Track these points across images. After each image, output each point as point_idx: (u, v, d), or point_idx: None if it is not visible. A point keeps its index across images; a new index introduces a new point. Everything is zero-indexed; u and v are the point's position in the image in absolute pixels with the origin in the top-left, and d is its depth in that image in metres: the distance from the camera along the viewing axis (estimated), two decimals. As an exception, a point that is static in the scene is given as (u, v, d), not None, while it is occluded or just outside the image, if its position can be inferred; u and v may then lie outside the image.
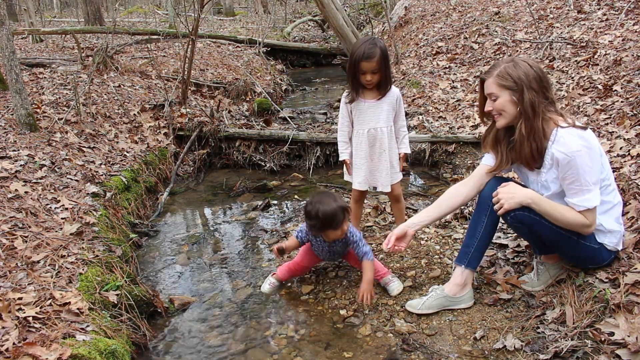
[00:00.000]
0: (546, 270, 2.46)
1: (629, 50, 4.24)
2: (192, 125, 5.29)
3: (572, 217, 2.10)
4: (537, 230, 2.21)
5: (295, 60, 11.32)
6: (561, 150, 2.03)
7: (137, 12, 17.31)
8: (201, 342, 2.47)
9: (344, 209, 2.48)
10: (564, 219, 2.11)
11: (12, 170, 3.33)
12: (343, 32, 6.82)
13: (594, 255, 2.23)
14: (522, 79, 2.06)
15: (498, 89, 2.13)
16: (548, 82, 2.12)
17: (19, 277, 2.37)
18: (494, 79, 2.13)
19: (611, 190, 2.17)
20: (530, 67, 2.09)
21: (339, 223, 2.48)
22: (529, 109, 2.06)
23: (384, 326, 2.44)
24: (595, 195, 2.05)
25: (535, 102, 2.06)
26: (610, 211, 2.18)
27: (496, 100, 2.15)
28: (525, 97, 2.06)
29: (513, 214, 2.19)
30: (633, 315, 1.95)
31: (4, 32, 3.79)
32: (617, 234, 2.21)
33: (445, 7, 9.43)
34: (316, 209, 2.46)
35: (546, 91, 2.10)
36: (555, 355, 2.01)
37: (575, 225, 2.11)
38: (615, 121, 3.38)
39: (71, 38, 8.14)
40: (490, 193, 2.30)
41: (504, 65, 2.12)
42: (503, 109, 2.14)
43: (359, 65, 2.66)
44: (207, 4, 7.36)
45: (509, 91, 2.10)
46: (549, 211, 2.13)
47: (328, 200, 2.47)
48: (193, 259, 3.34)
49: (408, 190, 4.14)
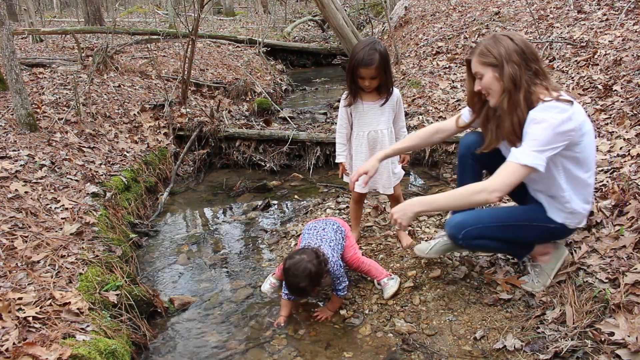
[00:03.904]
0: (542, 270, 2.46)
1: (629, 50, 4.23)
2: (192, 125, 5.29)
3: (470, 190, 2.05)
4: (494, 235, 2.26)
5: (295, 60, 11.31)
6: (534, 114, 2.00)
7: (137, 12, 17.31)
8: (201, 342, 2.47)
9: (317, 276, 2.32)
10: (463, 198, 2.08)
11: (12, 170, 3.33)
12: (343, 32, 6.82)
13: (558, 233, 2.31)
14: (501, 54, 2.03)
15: (482, 67, 2.11)
16: (533, 54, 2.06)
17: (19, 277, 2.37)
18: (477, 57, 2.12)
19: (588, 170, 2.14)
20: (512, 40, 2.05)
21: (310, 292, 2.42)
22: (509, 83, 2.03)
23: (384, 326, 2.44)
24: (533, 157, 1.96)
25: (516, 75, 2.01)
26: (582, 191, 2.17)
27: (482, 78, 2.13)
28: (505, 72, 2.03)
29: (461, 237, 2.25)
30: (633, 315, 1.95)
31: (4, 32, 3.78)
32: (580, 215, 2.22)
33: (445, 7, 9.43)
34: (289, 282, 2.35)
35: (531, 63, 2.04)
36: (555, 355, 2.01)
37: (477, 194, 2.03)
38: (615, 121, 3.38)
39: (71, 38, 8.14)
40: (467, 149, 2.46)
41: (485, 42, 2.11)
42: (489, 87, 2.11)
43: (358, 71, 2.64)
44: (207, 4, 7.36)
45: (491, 67, 2.08)
46: (445, 202, 2.14)
47: (300, 272, 2.29)
48: (193, 259, 3.34)
49: (408, 190, 4.14)
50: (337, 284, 2.48)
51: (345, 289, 2.51)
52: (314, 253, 2.33)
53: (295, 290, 2.37)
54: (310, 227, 2.65)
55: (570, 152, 2.06)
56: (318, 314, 2.56)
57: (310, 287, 2.33)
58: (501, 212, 2.38)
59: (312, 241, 2.50)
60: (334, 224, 2.64)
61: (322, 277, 2.35)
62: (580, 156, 2.08)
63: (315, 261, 2.30)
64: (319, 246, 2.44)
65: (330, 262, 2.39)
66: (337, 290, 2.50)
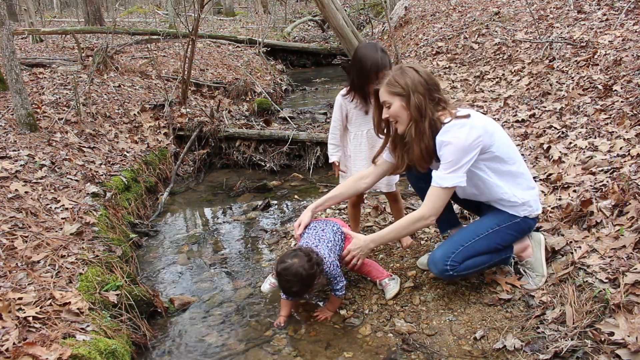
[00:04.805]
0: (532, 264, 2.49)
1: (629, 51, 4.24)
2: (192, 125, 5.29)
3: (408, 221, 2.31)
4: (476, 250, 2.36)
5: (295, 60, 11.32)
6: (440, 138, 2.19)
7: (137, 12, 17.31)
8: (201, 342, 2.47)
9: (308, 279, 2.30)
10: (405, 229, 2.35)
11: (12, 170, 3.33)
12: (343, 32, 6.81)
13: (528, 227, 2.41)
14: (408, 84, 2.18)
15: (389, 97, 2.24)
16: (435, 84, 2.24)
17: (19, 277, 2.37)
18: (385, 87, 2.25)
19: (514, 162, 2.30)
20: (416, 72, 2.21)
21: (304, 294, 2.43)
22: (415, 112, 2.18)
23: (384, 326, 2.44)
24: (451, 178, 2.17)
25: (422, 105, 2.17)
26: (517, 181, 2.31)
27: (390, 107, 2.26)
28: (412, 102, 2.18)
29: (450, 267, 2.33)
30: (633, 315, 1.95)
31: (4, 32, 3.79)
32: (530, 202, 2.34)
33: (445, 7, 9.44)
34: (281, 286, 2.36)
35: (433, 92, 2.21)
36: (555, 355, 2.01)
37: (415, 223, 2.30)
38: (615, 121, 3.38)
39: (71, 38, 8.14)
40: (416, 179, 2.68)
41: (393, 73, 2.25)
42: (397, 114, 2.25)
43: (374, 75, 2.58)
44: (207, 4, 7.36)
45: (399, 97, 2.22)
46: (392, 234, 2.39)
47: (291, 277, 2.28)
48: (193, 259, 3.34)
49: (408, 190, 4.14)
50: (334, 284, 2.48)
51: (343, 289, 2.51)
52: (305, 256, 2.31)
53: (289, 293, 2.40)
54: (310, 227, 2.65)
55: (488, 154, 2.22)
56: (318, 314, 2.56)
57: (302, 290, 2.35)
58: (472, 228, 2.45)
59: (310, 241, 2.50)
60: (334, 225, 2.64)
61: (314, 279, 2.33)
62: (499, 153, 2.23)
63: (306, 265, 2.28)
64: (316, 246, 2.44)
65: (326, 262, 2.38)
66: (335, 290, 2.50)
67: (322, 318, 2.54)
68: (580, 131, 3.47)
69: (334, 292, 2.51)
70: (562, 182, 2.99)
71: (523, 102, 4.48)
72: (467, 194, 2.44)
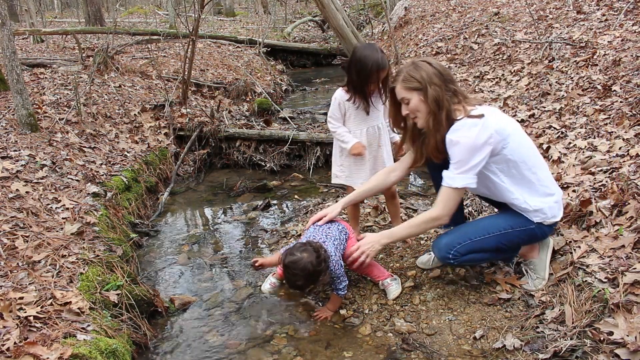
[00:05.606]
0: (536, 264, 2.49)
1: (628, 51, 4.24)
2: (192, 126, 5.30)
3: (421, 220, 2.31)
4: (482, 247, 2.35)
5: (295, 60, 11.33)
6: (449, 137, 2.17)
7: (138, 12, 17.32)
8: (201, 342, 2.47)
9: (315, 275, 2.32)
10: (418, 227, 2.34)
11: (13, 170, 3.34)
12: (343, 33, 6.83)
13: (542, 233, 2.37)
14: (424, 77, 2.18)
15: (407, 92, 2.24)
16: (449, 75, 2.24)
17: (20, 276, 2.38)
18: (401, 84, 2.25)
19: (531, 167, 2.24)
20: (430, 64, 2.21)
21: (308, 289, 2.46)
22: (433, 103, 2.18)
23: (383, 326, 2.45)
24: (461, 179, 2.16)
25: (439, 96, 2.17)
26: (533, 187, 2.27)
27: (409, 103, 2.25)
28: (429, 94, 2.17)
29: (452, 257, 2.34)
30: (632, 314, 1.96)
31: (5, 33, 3.79)
32: (545, 210, 2.29)
33: (445, 7, 9.45)
34: (287, 278, 2.39)
35: (449, 84, 2.21)
36: (554, 354, 2.01)
37: (428, 223, 2.31)
38: (615, 121, 3.39)
39: (72, 38, 8.15)
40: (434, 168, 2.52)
41: (407, 69, 2.24)
42: (417, 109, 2.24)
43: (375, 74, 2.62)
44: (208, 5, 7.37)
45: (416, 91, 2.21)
46: (405, 232, 2.39)
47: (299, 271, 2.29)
48: (193, 258, 3.35)
49: (408, 190, 4.14)
50: (337, 283, 2.48)
51: (345, 289, 2.51)
52: (315, 252, 2.32)
53: (292, 286, 2.41)
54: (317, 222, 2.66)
55: (500, 156, 2.19)
56: (318, 314, 2.56)
57: (307, 285, 2.37)
58: (484, 223, 2.44)
59: (318, 236, 2.49)
60: (339, 225, 2.65)
61: (320, 276, 2.35)
62: (513, 156, 2.19)
63: (315, 261, 2.29)
64: (323, 242, 2.45)
65: (332, 260, 2.39)
66: (337, 289, 2.50)
67: (323, 317, 2.54)
68: (580, 131, 3.48)
69: (337, 291, 2.52)
70: (561, 182, 3.00)
71: (522, 103, 4.49)
72: (478, 192, 2.44)
